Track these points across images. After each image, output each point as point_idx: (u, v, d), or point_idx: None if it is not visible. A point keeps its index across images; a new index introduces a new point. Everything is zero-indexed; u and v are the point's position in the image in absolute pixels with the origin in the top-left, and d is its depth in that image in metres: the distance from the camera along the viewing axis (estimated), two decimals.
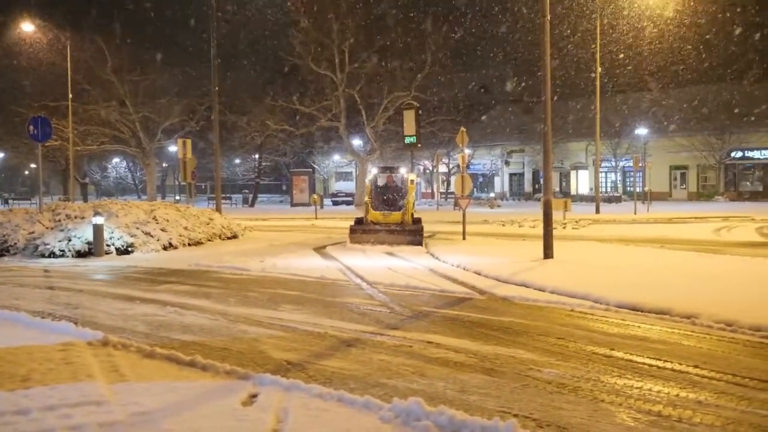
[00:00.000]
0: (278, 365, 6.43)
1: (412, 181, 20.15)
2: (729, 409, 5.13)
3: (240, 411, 5.08)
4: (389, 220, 18.58)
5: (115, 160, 71.46)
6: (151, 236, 17.66)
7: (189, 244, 18.52)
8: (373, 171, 20.95)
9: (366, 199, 19.30)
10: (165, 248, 17.59)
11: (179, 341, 7.43)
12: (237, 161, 71.05)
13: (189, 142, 23.97)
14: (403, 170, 20.66)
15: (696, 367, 6.30)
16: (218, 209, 25.19)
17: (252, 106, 49.48)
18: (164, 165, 70.22)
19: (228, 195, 63.46)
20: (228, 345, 7.27)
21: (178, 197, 58.39)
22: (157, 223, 18.36)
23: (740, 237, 21.65)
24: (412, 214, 19.17)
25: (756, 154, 54.16)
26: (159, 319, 8.66)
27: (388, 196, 19.90)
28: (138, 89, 45.05)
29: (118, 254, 16.64)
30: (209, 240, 19.66)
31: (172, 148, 48.38)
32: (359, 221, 19.07)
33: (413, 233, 18.09)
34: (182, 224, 19.08)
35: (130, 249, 16.88)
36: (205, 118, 44.45)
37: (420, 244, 17.63)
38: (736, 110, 51.89)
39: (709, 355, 6.73)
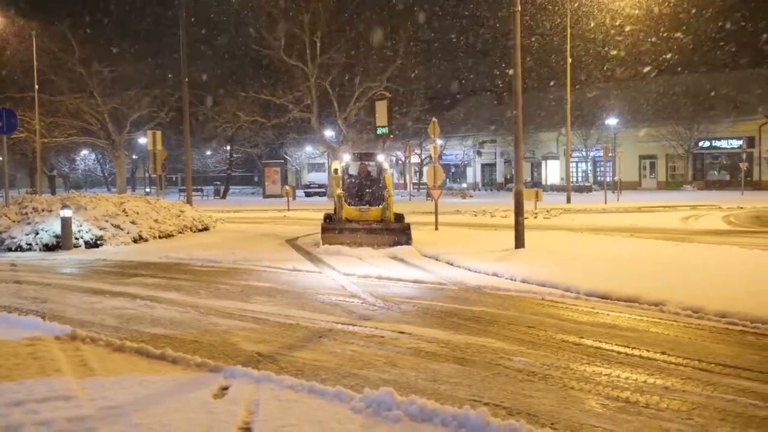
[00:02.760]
0: (249, 357, 6.41)
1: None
2: (695, 395, 5.22)
3: (211, 404, 5.06)
4: (367, 216, 15.76)
5: (84, 152, 70.40)
6: (121, 229, 17.46)
7: (160, 237, 18.34)
8: (345, 158, 17.37)
9: (338, 191, 16.17)
10: (135, 241, 17.39)
11: (149, 334, 7.37)
12: (208, 153, 70.39)
13: (159, 133, 23.70)
14: (381, 157, 17.41)
15: (663, 353, 6.40)
16: (189, 201, 24.98)
17: (223, 97, 49.02)
18: (134, 157, 69.39)
19: (199, 187, 62.92)
20: (199, 338, 7.22)
21: (148, 189, 57.76)
22: (127, 215, 18.15)
23: (707, 225, 21.99)
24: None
25: (723, 143, 54.97)
26: (128, 313, 8.58)
27: (364, 188, 16.90)
28: (106, 80, 44.37)
29: (87, 247, 16.43)
30: (180, 232, 19.48)
31: (142, 140, 47.83)
32: (330, 218, 16.15)
33: (399, 233, 15.17)
34: (152, 217, 18.89)
35: (99, 242, 16.67)
36: (176, 110, 43.91)
37: (407, 244, 14.84)
38: (703, 100, 52.56)
39: (676, 342, 6.84)
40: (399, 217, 16.00)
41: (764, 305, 7.82)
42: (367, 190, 16.85)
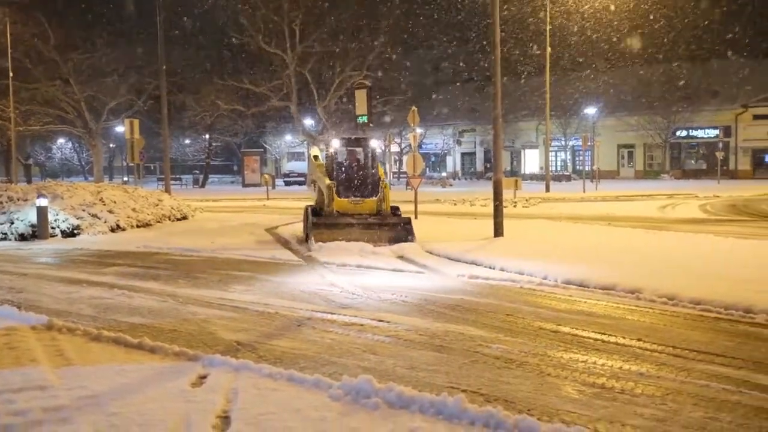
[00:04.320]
0: (228, 346, 6.40)
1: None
2: (669, 380, 5.30)
3: (189, 392, 5.05)
4: (361, 209, 14.13)
5: (60, 140, 69.58)
6: (98, 218, 17.30)
7: (138, 226, 18.21)
8: (333, 144, 15.46)
9: (327, 182, 14.12)
10: (113, 230, 17.25)
11: (127, 324, 7.33)
12: (187, 141, 69.85)
13: (137, 122, 23.47)
14: (374, 142, 15.62)
15: (639, 340, 6.47)
16: (167, 190, 24.82)
17: (201, 85, 48.63)
18: (111, 146, 68.65)
19: (178, 176, 62.46)
20: (177, 327, 7.20)
21: (126, 178, 57.23)
22: (104, 204, 17.99)
23: (684, 214, 22.23)
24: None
25: (700, 132, 55.53)
26: (106, 302, 8.52)
27: (356, 177, 15.01)
28: (82, 68, 43.79)
29: (63, 237, 16.27)
30: (158, 221, 19.35)
31: (120, 129, 47.30)
32: (317, 212, 14.32)
33: (399, 228, 13.75)
34: (130, 206, 18.74)
35: (76, 231, 16.52)
36: (154, 98, 43.50)
37: (410, 240, 13.44)
38: (680, 90, 53.00)
39: (651, 329, 6.92)
40: (394, 210, 14.69)
41: (738, 292, 7.93)
42: (359, 180, 14.93)
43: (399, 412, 4.62)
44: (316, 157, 16.09)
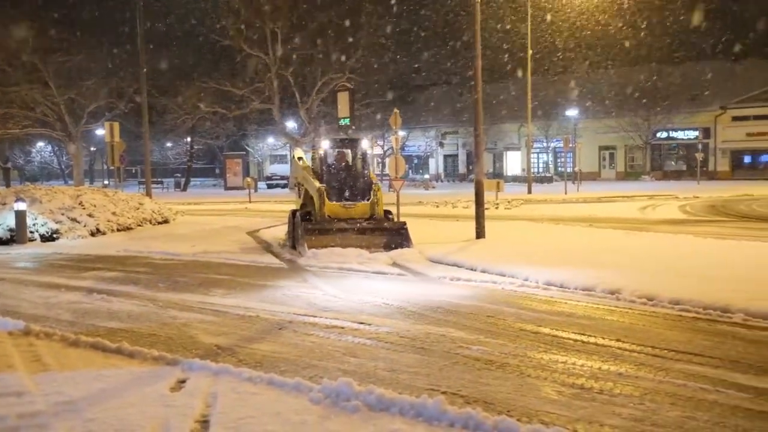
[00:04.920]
0: (208, 350, 6.37)
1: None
2: (647, 380, 5.33)
3: (168, 397, 5.02)
4: (354, 214, 13.44)
5: (40, 144, 68.88)
6: (78, 222, 17.14)
7: (118, 230, 18.06)
8: (323, 144, 14.61)
9: (317, 185, 13.43)
10: (92, 234, 17.10)
11: (105, 328, 7.27)
12: (168, 144, 69.35)
13: (117, 125, 23.32)
14: (365, 143, 15.03)
15: (618, 340, 6.51)
16: (148, 194, 24.65)
17: (183, 88, 48.37)
18: (92, 149, 68.08)
19: (159, 179, 61.99)
20: (156, 331, 7.15)
21: (106, 182, 56.79)
22: (84, 208, 17.83)
23: (664, 215, 22.41)
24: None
25: (680, 134, 56.04)
26: (84, 307, 8.44)
27: (347, 180, 14.25)
28: (62, 71, 43.41)
29: (42, 241, 16.10)
30: (139, 225, 19.21)
31: (100, 132, 46.95)
32: (307, 216, 13.56)
33: (394, 233, 13.10)
34: (110, 209, 18.59)
35: (55, 236, 16.36)
36: (134, 101, 43.20)
37: (407, 246, 12.85)
38: (660, 92, 53.44)
39: (630, 329, 6.97)
40: (387, 214, 13.93)
41: (716, 292, 8.00)
42: (350, 183, 14.21)
43: (379, 414, 4.62)
44: (300, 158, 15.43)
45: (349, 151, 14.85)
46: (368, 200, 13.68)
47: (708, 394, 4.98)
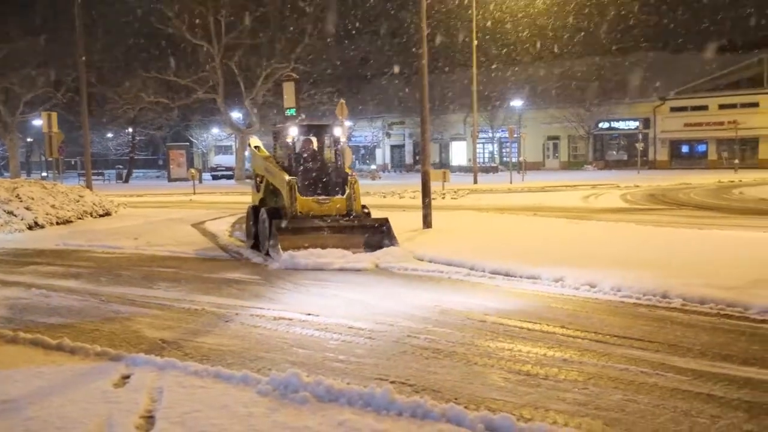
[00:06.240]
0: (153, 344, 6.26)
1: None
2: (591, 365, 5.45)
3: (111, 393, 4.92)
4: (329, 210, 11.96)
5: None
6: (14, 215, 16.61)
7: (57, 223, 17.57)
8: (291, 132, 12.54)
9: (286, 177, 11.89)
10: (30, 228, 16.59)
11: (45, 324, 7.07)
12: (109, 135, 67.79)
13: (55, 115, 22.71)
14: (338, 130, 13.03)
15: (562, 327, 6.64)
16: (89, 186, 24.06)
17: (124, 77, 47.32)
18: (29, 140, 66.07)
19: (100, 171, 60.48)
20: (99, 326, 7.00)
21: (45, 174, 55.22)
22: (21, 201, 17.28)
23: (606, 203, 22.91)
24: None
25: (621, 124, 57.38)
26: (23, 303, 8.20)
27: (318, 171, 12.65)
28: None
29: None
30: (80, 218, 18.72)
31: (37, 122, 45.60)
32: (276, 213, 11.78)
33: (376, 231, 11.83)
34: (49, 202, 18.06)
35: None
36: (73, 90, 42.07)
37: (387, 245, 11.54)
38: (602, 83, 54.54)
39: (574, 316, 7.11)
40: (362, 209, 12.53)
41: (655, 278, 8.21)
42: (324, 175, 12.61)
43: (328, 405, 4.61)
44: (257, 147, 13.92)
45: (317, 138, 13.10)
46: (344, 194, 12.22)
47: (648, 378, 5.12)
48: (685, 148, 55.77)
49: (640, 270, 8.80)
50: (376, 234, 11.78)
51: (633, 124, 56.11)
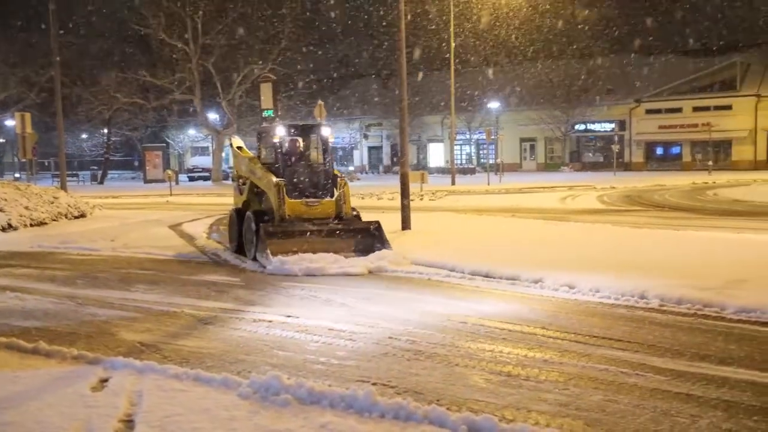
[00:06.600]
0: (131, 347, 6.19)
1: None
2: (571, 366, 5.48)
3: (89, 397, 4.86)
4: (317, 213, 11.51)
5: None
6: None
7: (31, 225, 17.32)
8: (278, 132, 12.01)
9: (274, 179, 11.40)
10: (3, 230, 16.34)
11: (20, 328, 6.97)
12: (84, 136, 66.99)
13: (28, 116, 22.40)
14: (326, 130, 12.63)
15: (543, 328, 6.67)
16: (63, 187, 23.76)
17: (99, 77, 46.82)
18: (1, 141, 65.15)
19: (75, 172, 59.77)
20: (76, 329, 6.91)
21: (17, 175, 54.46)
22: None
23: (583, 205, 23.09)
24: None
25: (597, 126, 57.91)
26: None
27: (306, 173, 12.14)
28: None
29: None
30: (54, 220, 18.47)
31: (10, 123, 44.96)
32: (263, 216, 11.38)
33: (368, 234, 11.41)
34: (23, 204, 17.81)
35: None
36: (47, 90, 41.54)
37: (379, 248, 11.07)
38: (578, 85, 54.98)
39: (554, 317, 7.14)
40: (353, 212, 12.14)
41: (633, 279, 8.27)
42: (312, 177, 12.13)
43: (309, 407, 4.59)
44: (240, 148, 13.42)
45: (303, 139, 12.65)
46: (333, 197, 11.80)
47: (628, 378, 5.15)
48: (659, 150, 56.40)
49: (617, 271, 8.87)
50: (368, 237, 11.37)
51: (609, 126, 56.63)
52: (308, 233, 11.03)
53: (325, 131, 12.55)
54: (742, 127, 51.16)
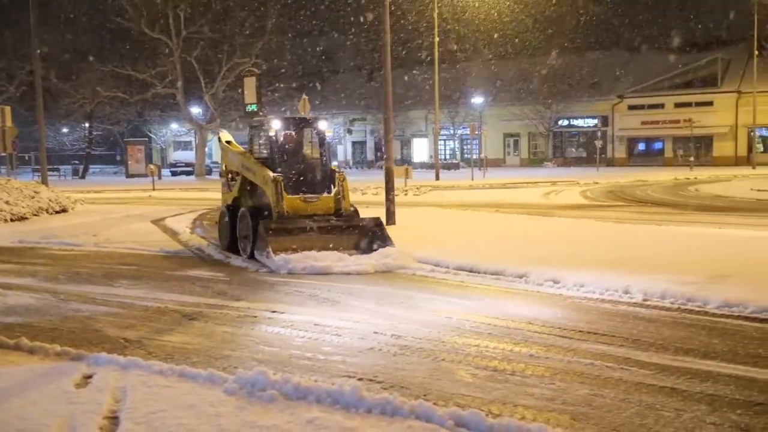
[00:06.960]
0: (115, 343, 6.14)
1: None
2: (557, 360, 5.50)
3: (73, 393, 4.81)
4: (316, 209, 11.16)
5: None
6: None
7: (12, 220, 17.14)
8: (274, 125, 11.66)
9: (271, 174, 10.89)
10: None
11: (2, 324, 6.88)
12: (65, 130, 66.33)
13: (8, 109, 22.08)
14: (323, 124, 12.18)
15: (529, 323, 6.68)
16: (44, 182, 23.50)
17: (80, 71, 46.35)
18: None
19: (56, 166, 59.17)
20: (58, 325, 6.84)
21: None
22: None
23: (566, 200, 23.19)
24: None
25: (580, 122, 58.21)
26: None
27: (303, 168, 11.83)
28: None
29: None
30: (35, 215, 18.29)
31: None
32: (259, 213, 11.02)
33: (369, 231, 11.06)
34: (3, 198, 17.62)
35: None
36: (27, 84, 41.09)
37: (380, 245, 10.71)
38: (561, 81, 55.21)
39: (539, 311, 7.16)
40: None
41: (617, 274, 8.33)
42: (309, 172, 11.80)
43: (296, 403, 4.57)
44: (229, 142, 12.91)
45: (297, 133, 12.26)
46: (331, 192, 11.43)
47: (614, 372, 5.18)
48: (642, 146, 56.83)
49: (601, 266, 8.92)
50: (369, 234, 11.04)
51: (592, 122, 56.91)
52: (309, 230, 10.67)
53: (322, 125, 12.10)
54: (723, 123, 51.64)
